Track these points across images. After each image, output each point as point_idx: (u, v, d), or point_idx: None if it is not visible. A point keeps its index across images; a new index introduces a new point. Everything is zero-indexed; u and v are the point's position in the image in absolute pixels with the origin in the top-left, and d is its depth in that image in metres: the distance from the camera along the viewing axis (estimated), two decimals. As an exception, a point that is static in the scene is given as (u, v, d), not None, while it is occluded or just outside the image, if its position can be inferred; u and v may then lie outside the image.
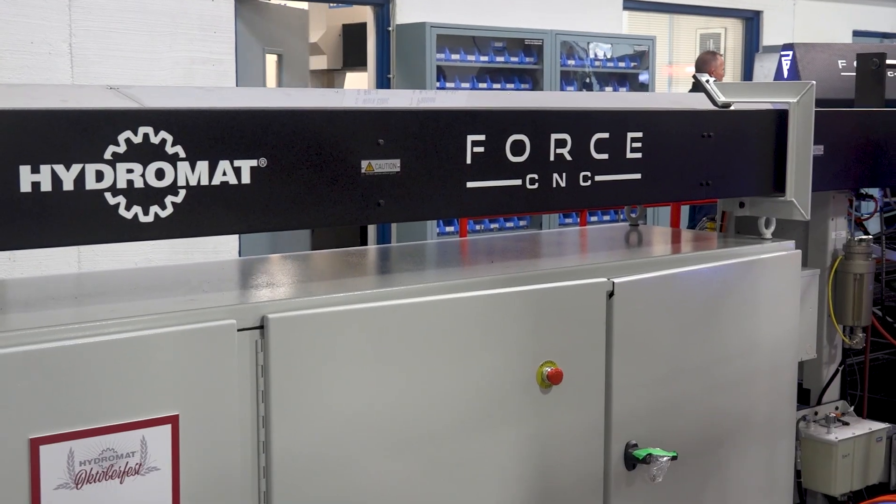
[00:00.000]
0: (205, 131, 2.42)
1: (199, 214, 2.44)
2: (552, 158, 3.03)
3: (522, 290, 2.89)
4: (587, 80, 9.81)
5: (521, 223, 9.14)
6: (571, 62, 9.66)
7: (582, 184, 3.11)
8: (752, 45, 12.04)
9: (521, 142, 2.96)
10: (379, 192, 2.71)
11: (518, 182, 2.97)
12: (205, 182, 2.43)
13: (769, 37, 11.84)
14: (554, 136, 3.03)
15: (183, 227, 2.43)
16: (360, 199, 2.68)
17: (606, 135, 3.14)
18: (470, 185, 2.88)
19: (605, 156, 3.15)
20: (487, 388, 2.82)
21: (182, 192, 2.40)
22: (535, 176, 3.00)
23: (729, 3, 11.72)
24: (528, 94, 7.54)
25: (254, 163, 2.50)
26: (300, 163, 2.57)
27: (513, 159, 2.95)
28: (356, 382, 2.59)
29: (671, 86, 13.67)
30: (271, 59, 9.07)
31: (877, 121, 4.08)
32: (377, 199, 2.70)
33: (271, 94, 2.81)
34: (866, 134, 4.02)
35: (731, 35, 12.64)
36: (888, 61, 4.36)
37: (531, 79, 9.41)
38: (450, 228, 8.48)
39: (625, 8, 10.83)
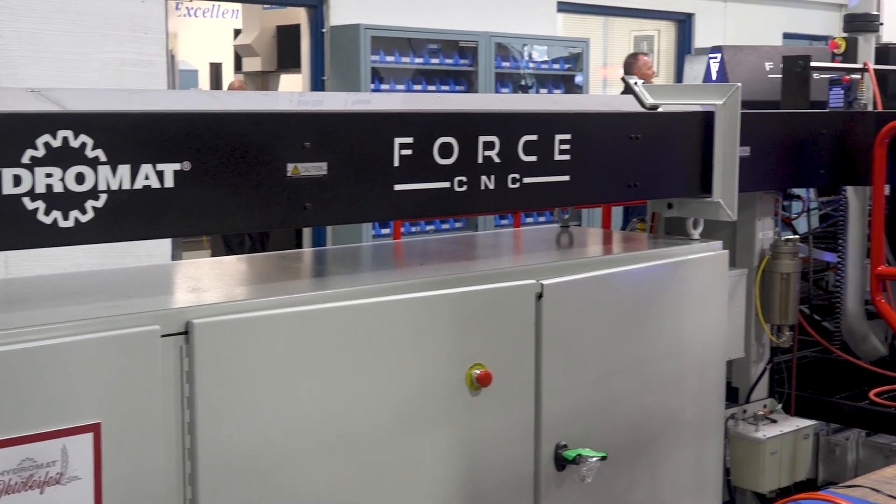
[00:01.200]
0: (126, 135, 2.39)
1: (121, 219, 2.40)
2: (480, 161, 3.03)
3: (451, 293, 2.88)
4: (523, 83, 9.85)
5: (457, 225, 9.15)
6: (506, 64, 9.69)
7: (510, 186, 3.12)
8: (684, 47, 12.17)
9: (449, 144, 2.96)
10: (305, 196, 2.69)
11: (446, 185, 2.97)
12: (126, 186, 2.39)
13: (701, 39, 11.97)
14: (482, 139, 3.03)
15: (104, 233, 2.39)
16: (286, 203, 2.66)
17: (534, 137, 3.16)
18: (398, 187, 2.87)
19: (534, 158, 3.16)
20: (417, 391, 2.81)
21: (103, 197, 2.37)
22: (464, 178, 3.00)
23: (661, 5, 11.84)
24: (457, 96, 7.55)
25: (177, 166, 2.47)
26: (225, 166, 2.55)
27: (441, 162, 2.95)
28: (284, 387, 2.57)
29: (605, 87, 13.77)
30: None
31: (802, 122, 4.14)
32: (303, 202, 2.69)
33: (195, 97, 2.79)
34: (792, 135, 4.08)
35: (664, 37, 12.76)
36: (813, 63, 4.43)
37: (466, 80, 9.42)
38: (385, 231, 8.47)
39: (559, 10, 10.89)
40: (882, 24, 5.02)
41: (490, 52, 9.37)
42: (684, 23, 12.28)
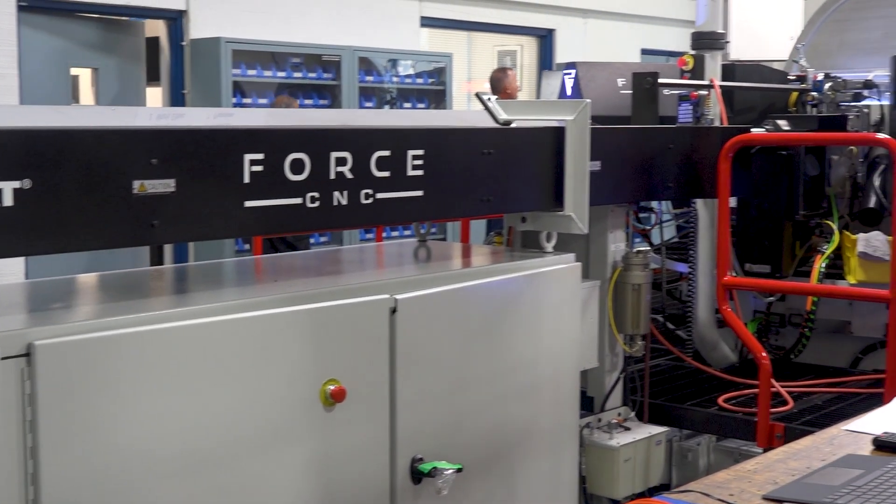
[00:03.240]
0: (-39, 152, 2.32)
1: (-43, 239, 2.33)
2: (333, 177, 3.04)
3: (304, 309, 2.88)
4: (388, 97, 9.89)
5: (322, 239, 9.12)
6: (370, 78, 9.72)
7: (364, 201, 3.13)
8: (546, 62, 12.39)
9: (301, 160, 2.95)
10: (153, 213, 2.65)
11: (298, 200, 2.97)
12: (-38, 205, 2.33)
13: (562, 54, 12.20)
14: (334, 155, 3.04)
15: (-61, 253, 2.32)
16: (133, 221, 2.62)
17: (387, 152, 3.18)
18: (248, 204, 2.85)
19: (387, 173, 3.18)
20: (270, 408, 2.79)
21: (-63, 216, 2.30)
22: (316, 194, 3.00)
23: (523, 21, 12.03)
24: (310, 112, 7.57)
25: (17, 184, 2.41)
26: (68, 184, 2.50)
27: (292, 178, 2.94)
28: (134, 408, 2.52)
29: (470, 102, 13.91)
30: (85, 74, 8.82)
31: (650, 137, 4.26)
32: (151, 219, 2.65)
33: (39, 113, 2.72)
34: (641, 150, 4.20)
35: (526, 52, 12.96)
36: (661, 80, 4.56)
37: (330, 94, 9.41)
38: (248, 246, 8.37)
39: (422, 25, 10.97)
40: (728, 41, 5.20)
41: (353, 66, 9.38)
42: (545, 38, 12.50)
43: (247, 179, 2.84)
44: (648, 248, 5.03)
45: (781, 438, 3.96)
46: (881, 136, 4.27)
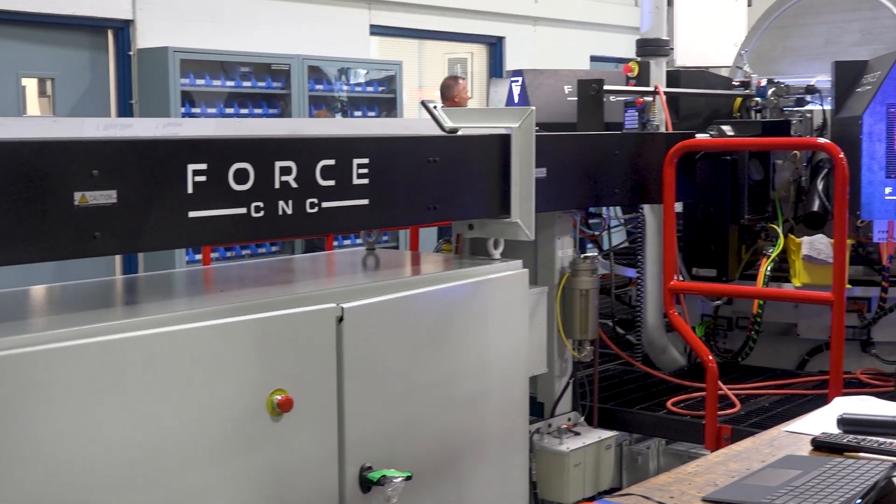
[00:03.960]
0: None
1: None
2: (277, 186, 3.03)
3: (250, 319, 2.87)
4: (338, 106, 9.87)
5: (273, 248, 9.08)
6: (320, 87, 9.70)
7: (309, 210, 3.13)
8: (496, 70, 12.43)
9: (245, 170, 2.95)
10: (94, 225, 2.63)
11: (243, 210, 2.96)
12: None
13: (512, 61, 12.25)
14: (278, 164, 3.03)
15: None
16: (74, 233, 2.59)
17: (332, 161, 3.18)
18: (192, 214, 2.84)
19: (332, 182, 3.18)
20: (217, 419, 2.78)
21: None
22: (261, 204, 2.99)
23: (473, 28, 12.07)
24: (255, 121, 7.57)
25: (-46, 197, 2.38)
26: (6, 196, 2.47)
27: (236, 188, 2.93)
28: (78, 422, 2.50)
29: (421, 109, 13.93)
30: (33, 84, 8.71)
31: (595, 144, 4.29)
32: (92, 231, 2.63)
33: (-22, 125, 2.69)
34: (586, 156, 4.22)
35: (477, 60, 13.01)
36: (606, 87, 4.60)
37: (280, 104, 9.38)
38: (199, 256, 8.32)
39: (372, 33, 10.97)
40: (673, 48, 5.25)
41: (303, 74, 9.35)
42: (495, 46, 12.55)
43: (190, 190, 2.83)
44: (597, 253, 5.08)
45: (729, 440, 4.00)
46: (823, 140, 4.34)
